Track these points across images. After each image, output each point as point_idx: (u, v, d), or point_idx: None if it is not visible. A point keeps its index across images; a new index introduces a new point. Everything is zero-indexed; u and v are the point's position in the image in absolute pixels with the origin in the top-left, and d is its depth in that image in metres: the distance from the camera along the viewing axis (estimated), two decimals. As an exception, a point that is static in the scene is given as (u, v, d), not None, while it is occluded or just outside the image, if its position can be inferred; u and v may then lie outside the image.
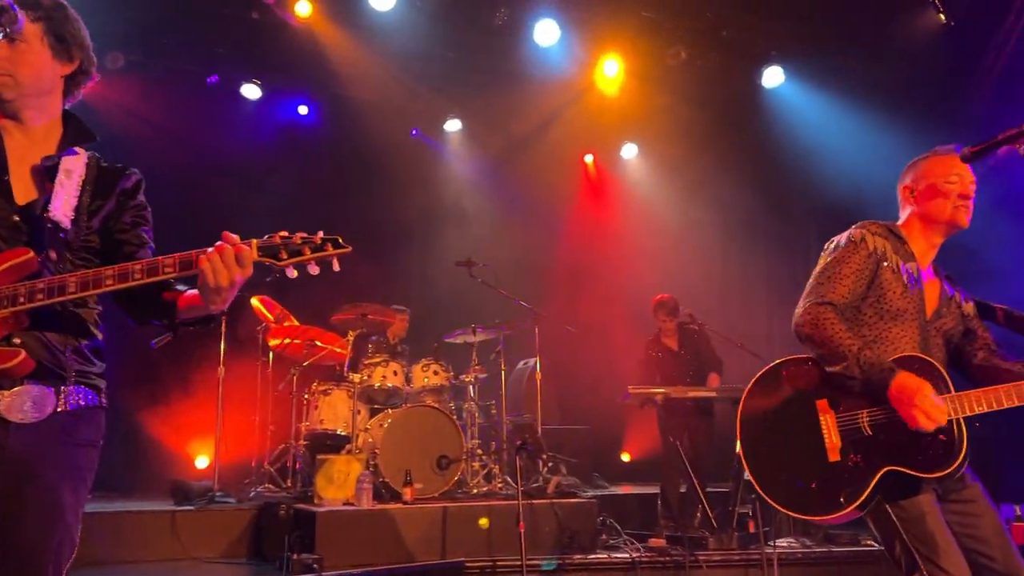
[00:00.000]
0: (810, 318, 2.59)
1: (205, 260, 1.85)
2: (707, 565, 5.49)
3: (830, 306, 2.60)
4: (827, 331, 2.54)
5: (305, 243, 1.93)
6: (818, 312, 2.58)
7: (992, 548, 2.49)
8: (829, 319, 2.56)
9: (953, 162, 2.72)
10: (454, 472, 6.02)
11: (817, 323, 2.57)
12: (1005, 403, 2.45)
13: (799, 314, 2.64)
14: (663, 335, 6.87)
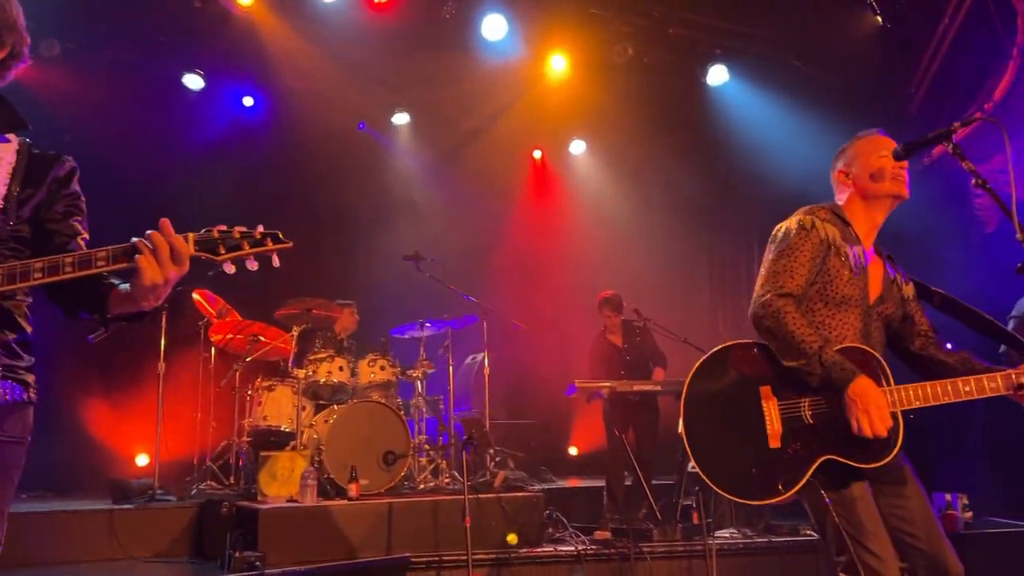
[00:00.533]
0: (772, 311, 2.59)
1: (141, 257, 1.80)
2: (651, 557, 5.56)
3: (790, 298, 2.61)
4: (789, 326, 2.55)
5: (244, 238, 1.89)
6: (779, 305, 2.59)
7: (918, 528, 2.58)
8: (790, 313, 2.57)
9: (880, 140, 2.80)
10: (400, 468, 6.00)
11: (779, 317, 2.57)
12: (942, 399, 2.52)
13: (759, 305, 2.63)
14: (608, 331, 6.94)
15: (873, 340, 2.71)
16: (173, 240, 1.82)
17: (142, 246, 1.82)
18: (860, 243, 2.76)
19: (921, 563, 2.57)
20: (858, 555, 2.48)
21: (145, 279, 1.79)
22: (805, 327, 2.55)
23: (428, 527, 5.42)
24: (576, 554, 5.47)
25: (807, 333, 2.54)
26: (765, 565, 5.76)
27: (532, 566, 5.39)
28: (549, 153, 9.80)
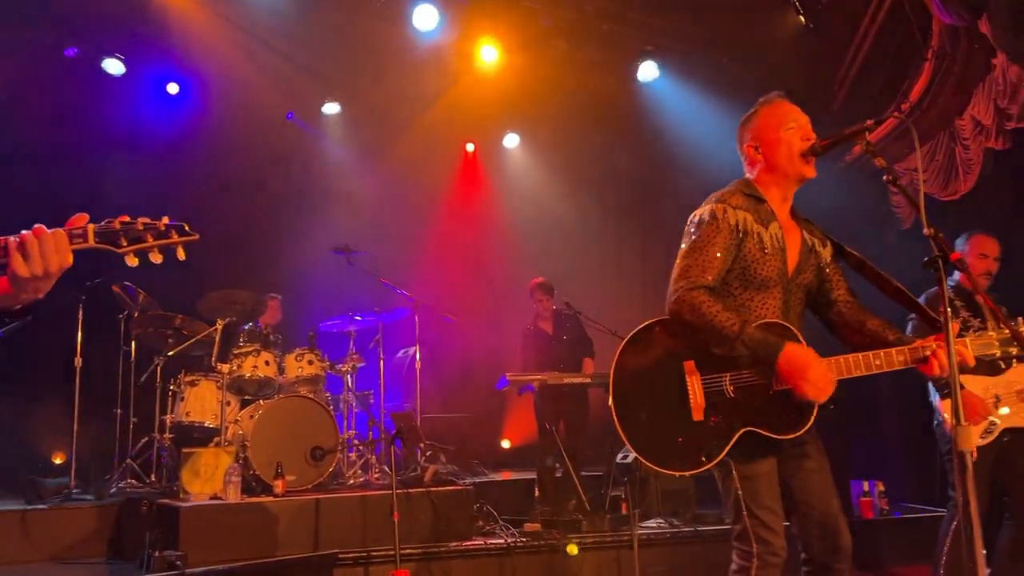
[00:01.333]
0: (687, 304, 2.62)
1: (17, 246, 1.71)
2: (580, 548, 5.60)
3: (704, 289, 2.64)
4: (706, 315, 2.59)
5: (148, 230, 1.81)
6: (693, 296, 2.62)
7: (816, 500, 2.71)
8: (705, 302, 2.60)
9: (786, 108, 2.80)
10: (329, 463, 5.92)
11: (695, 308, 2.61)
12: (854, 372, 2.58)
13: (674, 301, 2.66)
14: (539, 319, 6.97)
15: (792, 314, 2.77)
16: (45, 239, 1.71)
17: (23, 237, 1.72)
18: (776, 218, 2.77)
19: (815, 533, 2.72)
20: (751, 525, 2.63)
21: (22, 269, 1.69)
22: (722, 312, 2.59)
23: (356, 523, 5.36)
24: (506, 546, 5.48)
25: (725, 318, 2.57)
26: (691, 554, 5.85)
27: (461, 560, 5.38)
28: (482, 146, 9.76)
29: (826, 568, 2.74)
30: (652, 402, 2.72)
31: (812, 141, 2.74)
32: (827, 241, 2.90)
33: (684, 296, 2.64)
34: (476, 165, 9.69)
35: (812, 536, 2.73)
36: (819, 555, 2.74)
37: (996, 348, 2.50)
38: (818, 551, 2.74)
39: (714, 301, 2.62)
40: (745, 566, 2.65)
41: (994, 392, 4.28)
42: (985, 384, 4.26)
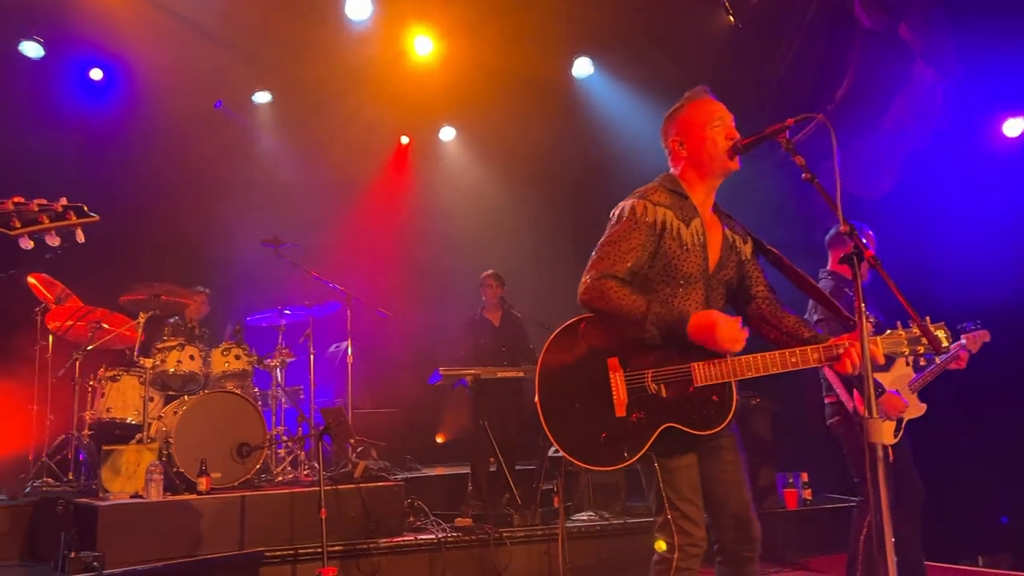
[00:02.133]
0: (596, 292, 2.68)
1: None
2: (511, 542, 5.62)
3: (613, 278, 2.68)
4: (614, 301, 2.64)
5: (43, 211, 1.74)
6: (601, 283, 2.67)
7: (731, 491, 2.79)
8: (613, 289, 2.65)
9: (711, 105, 2.84)
10: (256, 460, 5.80)
11: (603, 295, 2.66)
12: (771, 370, 2.64)
13: (583, 290, 2.72)
14: (487, 310, 6.96)
15: (714, 309, 2.80)
16: None
17: None
18: (698, 214, 2.81)
19: (729, 523, 2.79)
20: (673, 517, 2.68)
21: None
22: (629, 296, 2.64)
23: (284, 520, 5.27)
24: (436, 542, 5.46)
25: (632, 301, 2.63)
26: (621, 546, 5.93)
27: (391, 556, 5.34)
28: (418, 138, 9.65)
29: (737, 557, 2.81)
30: (577, 399, 2.75)
31: (736, 139, 2.78)
32: (748, 237, 2.96)
33: (593, 284, 2.69)
34: (411, 158, 9.58)
35: (725, 527, 2.80)
36: (731, 544, 2.81)
37: (905, 346, 2.58)
38: (730, 541, 2.80)
39: (622, 287, 2.67)
40: (667, 558, 2.69)
41: (894, 388, 4.44)
42: (901, 384, 4.41)
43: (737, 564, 2.81)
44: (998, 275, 6.90)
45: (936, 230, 6.65)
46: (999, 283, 6.73)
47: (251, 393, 6.34)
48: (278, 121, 8.90)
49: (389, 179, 9.36)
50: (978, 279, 6.75)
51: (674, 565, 2.68)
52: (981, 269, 6.79)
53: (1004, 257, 6.94)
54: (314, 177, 8.81)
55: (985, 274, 6.79)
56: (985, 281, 6.80)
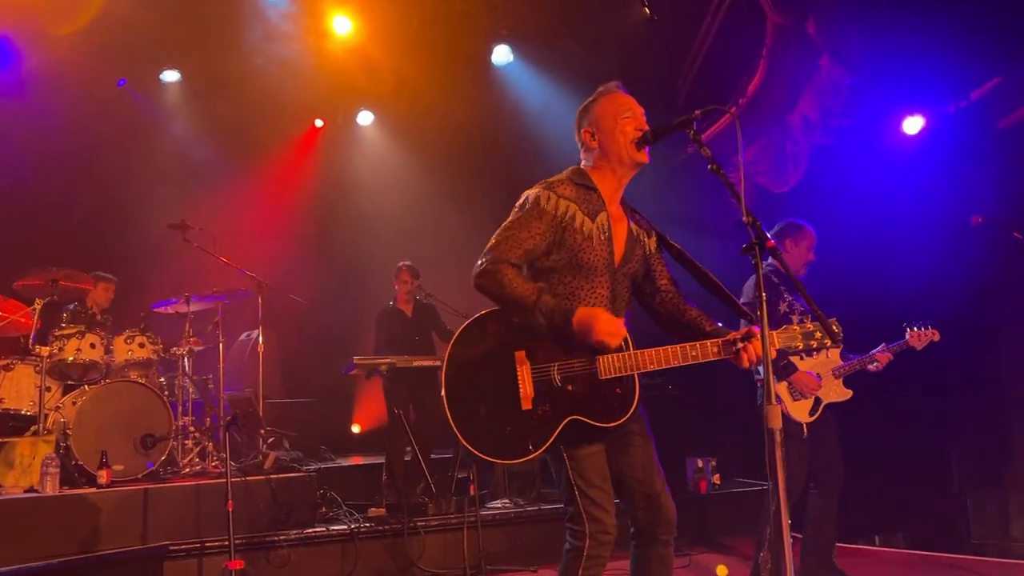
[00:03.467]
0: (488, 276, 2.68)
1: None
2: (425, 531, 5.59)
3: (507, 264, 2.69)
4: (506, 287, 2.65)
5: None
6: (495, 268, 2.68)
7: (641, 474, 2.83)
8: (505, 274, 2.67)
9: (622, 98, 2.88)
10: (161, 451, 5.63)
11: (495, 278, 2.67)
12: (672, 363, 2.68)
13: (477, 274, 2.72)
14: (400, 301, 6.88)
15: (619, 302, 2.85)
16: None
17: None
18: (605, 208, 2.84)
19: (641, 505, 2.83)
20: (583, 505, 2.71)
21: None
22: (520, 283, 2.66)
23: (189, 513, 5.13)
24: (349, 532, 5.39)
25: (523, 289, 2.65)
26: (535, 532, 5.97)
27: (302, 547, 5.26)
28: (334, 122, 9.44)
29: (652, 538, 2.85)
30: (483, 392, 2.75)
31: (645, 130, 2.81)
32: (652, 231, 3.00)
33: (487, 267, 2.70)
34: (327, 142, 9.35)
35: (638, 508, 2.84)
36: (645, 527, 2.85)
37: (799, 341, 2.66)
38: (644, 523, 2.85)
39: (516, 274, 2.69)
40: (578, 545, 2.72)
41: (816, 371, 4.63)
42: (811, 364, 4.59)
43: (652, 546, 2.85)
44: (899, 264, 7.19)
45: (841, 222, 6.89)
46: (899, 272, 7.01)
47: (156, 383, 6.14)
48: (187, 102, 8.57)
49: (304, 164, 9.12)
50: (883, 268, 7.02)
51: (585, 552, 2.70)
52: (884, 259, 7.07)
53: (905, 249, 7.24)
54: (225, 161, 8.51)
55: (887, 263, 7.07)
56: (888, 269, 7.08)
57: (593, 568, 2.72)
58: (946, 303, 7.00)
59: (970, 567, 5.36)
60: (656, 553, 2.86)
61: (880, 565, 5.49)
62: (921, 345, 4.72)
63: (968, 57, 6.51)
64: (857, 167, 6.96)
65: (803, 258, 4.83)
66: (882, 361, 4.72)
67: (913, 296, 6.56)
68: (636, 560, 2.90)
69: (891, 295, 6.66)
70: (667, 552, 2.87)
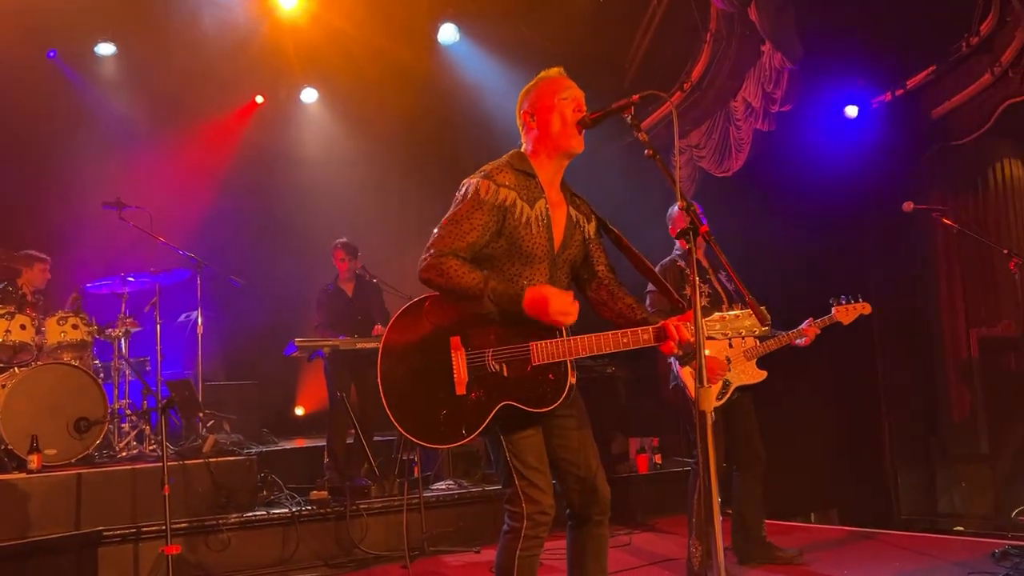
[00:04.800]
0: (435, 270, 2.68)
1: None
2: (367, 513, 5.58)
3: (453, 256, 2.69)
4: (453, 278, 2.66)
5: None
6: (440, 261, 2.68)
7: (575, 456, 2.85)
8: (452, 266, 2.67)
9: (563, 81, 2.89)
10: (96, 435, 5.50)
11: (442, 272, 2.67)
12: (605, 349, 2.71)
13: (422, 268, 2.72)
14: (341, 280, 6.80)
15: (559, 288, 2.83)
16: None
17: None
18: (543, 194, 2.84)
19: (575, 487, 2.87)
20: (520, 487, 2.73)
21: None
22: (467, 273, 2.67)
23: (125, 498, 5.05)
24: (290, 516, 5.35)
25: (470, 277, 2.66)
26: (479, 512, 6.01)
27: (242, 531, 5.20)
28: (276, 99, 9.21)
29: (587, 519, 2.89)
30: (418, 377, 2.75)
31: (584, 113, 2.82)
32: (592, 216, 3.01)
33: (433, 262, 2.70)
34: (269, 119, 9.11)
35: (572, 490, 2.87)
36: (580, 508, 2.89)
37: (729, 329, 2.69)
38: (579, 505, 2.89)
39: (461, 264, 2.69)
40: (516, 526, 2.74)
41: (725, 355, 4.67)
42: (717, 348, 4.63)
43: (587, 527, 2.89)
44: (835, 246, 7.35)
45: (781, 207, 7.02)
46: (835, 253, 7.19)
47: (91, 365, 5.98)
48: (124, 76, 8.29)
49: (246, 141, 8.90)
50: (820, 250, 7.18)
51: (523, 533, 2.73)
52: (822, 242, 7.22)
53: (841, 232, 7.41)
54: (163, 137, 8.27)
55: (825, 246, 7.22)
56: (825, 252, 7.24)
57: (531, 548, 2.74)
58: (879, 286, 7.21)
59: (899, 542, 5.54)
60: (591, 533, 2.90)
61: (814, 542, 5.64)
62: (849, 319, 4.74)
63: (905, 47, 6.67)
64: (798, 153, 7.09)
65: None
66: (809, 335, 4.71)
67: (848, 278, 6.73)
68: (572, 541, 2.94)
69: (828, 276, 6.82)
70: (601, 532, 2.92)
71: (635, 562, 5.28)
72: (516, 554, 2.72)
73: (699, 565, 4.66)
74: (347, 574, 5.20)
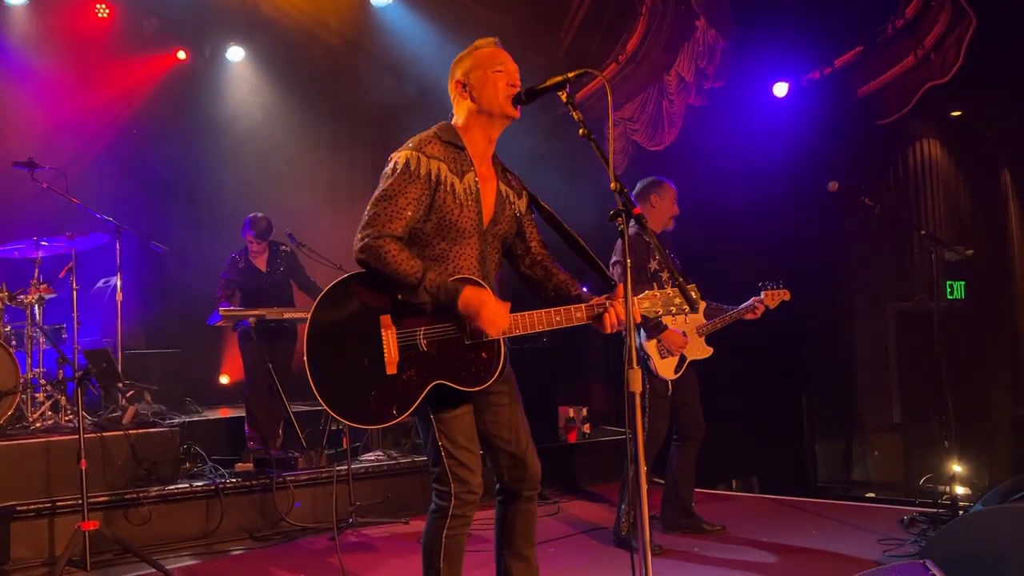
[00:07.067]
0: (372, 253, 2.62)
1: None
2: (294, 485, 5.52)
3: (390, 238, 2.64)
4: (390, 264, 2.61)
5: None
6: (378, 245, 2.62)
7: (506, 432, 2.86)
8: (390, 251, 2.62)
9: (497, 53, 2.83)
10: (7, 406, 5.28)
11: (379, 256, 2.61)
12: (538, 327, 2.71)
13: (359, 249, 2.65)
14: (252, 254, 6.60)
15: (489, 264, 2.84)
16: None
17: None
18: (473, 167, 2.80)
19: (506, 463, 2.88)
20: (449, 466, 2.73)
21: None
22: (406, 260, 2.62)
23: (39, 471, 4.87)
24: (215, 488, 5.25)
25: (408, 266, 2.62)
26: (408, 483, 6.02)
27: (163, 505, 5.09)
28: (201, 56, 8.83)
29: (517, 495, 2.91)
30: (347, 356, 2.69)
31: (518, 87, 2.77)
32: (523, 191, 2.98)
33: (370, 243, 2.64)
34: (191, 77, 8.73)
35: (503, 466, 2.89)
36: (510, 483, 2.91)
37: (660, 306, 2.72)
38: (509, 480, 2.90)
39: (400, 250, 2.64)
40: (443, 506, 2.74)
41: (682, 330, 4.81)
42: (676, 323, 4.76)
43: (516, 502, 2.91)
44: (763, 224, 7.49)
45: (712, 183, 7.11)
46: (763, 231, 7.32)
47: (2, 332, 5.71)
48: (31, 27, 7.82)
49: (167, 100, 8.52)
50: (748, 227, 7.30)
51: (450, 512, 2.72)
52: (750, 219, 7.34)
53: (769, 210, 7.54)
54: (74, 93, 7.85)
55: (753, 223, 7.35)
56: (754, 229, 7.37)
57: (458, 527, 2.75)
58: (803, 262, 7.39)
59: (814, 509, 5.76)
60: (521, 508, 2.92)
61: (734, 509, 5.82)
62: (774, 304, 5.01)
63: (833, 25, 6.79)
64: (728, 129, 7.18)
65: (668, 212, 4.99)
66: (759, 309, 4.98)
67: (773, 254, 6.88)
68: (501, 515, 2.96)
69: (754, 253, 6.96)
70: (531, 508, 2.95)
71: (564, 531, 5.37)
72: (444, 533, 2.73)
73: (626, 531, 4.78)
74: (273, 547, 5.14)
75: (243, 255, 6.60)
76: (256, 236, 6.46)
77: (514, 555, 2.92)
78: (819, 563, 4.47)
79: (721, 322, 4.98)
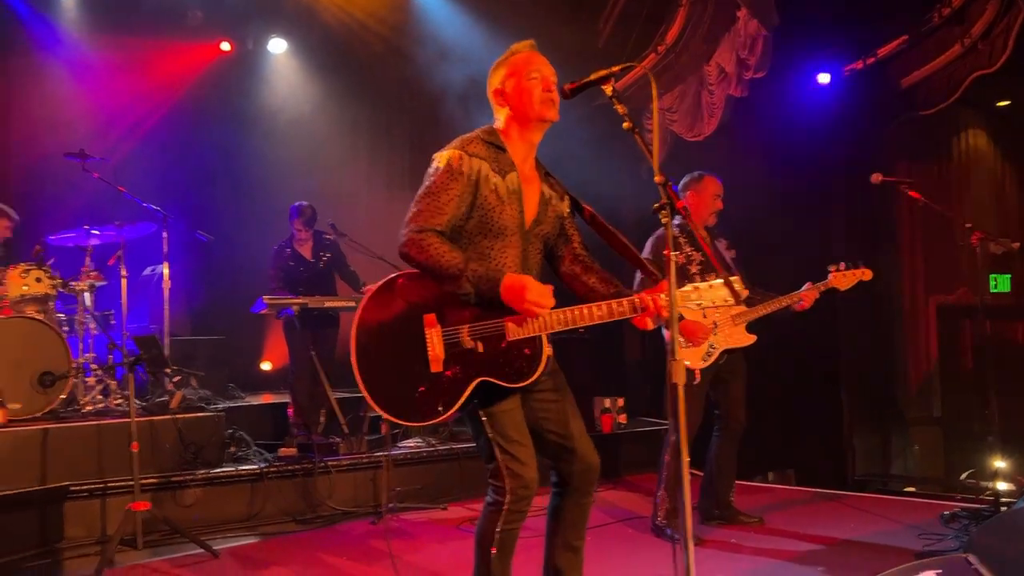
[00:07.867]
0: (415, 246, 2.68)
1: None
2: (336, 470, 5.63)
3: (432, 232, 2.69)
4: (433, 256, 2.65)
5: None
6: (421, 238, 2.68)
7: (561, 428, 2.89)
8: (432, 243, 2.67)
9: (532, 58, 2.87)
10: (61, 389, 5.44)
11: (422, 248, 2.67)
12: (579, 323, 2.74)
13: (403, 244, 2.71)
14: (297, 242, 6.72)
15: (531, 263, 2.88)
16: None
17: None
18: (515, 168, 2.85)
19: (565, 457, 2.89)
20: (502, 461, 2.74)
21: None
22: (448, 252, 2.67)
23: (92, 453, 5.02)
24: (259, 472, 5.38)
25: (451, 256, 2.66)
26: (447, 470, 6.09)
27: (209, 488, 5.22)
28: (244, 48, 8.96)
29: (575, 488, 2.91)
30: (393, 355, 2.74)
31: (553, 93, 2.82)
32: (565, 195, 3.02)
33: (413, 237, 2.69)
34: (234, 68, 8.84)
35: (559, 460, 2.90)
36: (568, 476, 2.91)
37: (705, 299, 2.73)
38: (565, 474, 2.91)
39: (441, 242, 2.68)
40: (499, 500, 2.75)
41: (712, 319, 4.74)
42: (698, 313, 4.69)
43: (573, 496, 2.91)
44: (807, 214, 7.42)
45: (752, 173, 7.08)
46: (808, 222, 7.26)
47: (54, 318, 5.89)
48: (81, 18, 7.99)
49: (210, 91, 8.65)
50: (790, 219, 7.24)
51: (505, 507, 2.73)
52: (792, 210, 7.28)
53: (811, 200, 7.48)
54: (123, 84, 8.00)
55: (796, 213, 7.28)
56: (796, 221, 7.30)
57: (512, 523, 2.76)
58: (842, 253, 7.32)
59: (852, 502, 5.73)
60: (577, 502, 2.92)
61: (771, 501, 5.81)
62: (847, 285, 4.77)
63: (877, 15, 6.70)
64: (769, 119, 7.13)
65: (709, 207, 4.89)
66: (808, 300, 4.78)
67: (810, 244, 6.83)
68: (555, 507, 2.96)
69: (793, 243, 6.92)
70: (586, 502, 2.94)
71: (602, 519, 5.41)
72: (498, 527, 2.74)
73: (663, 519, 4.80)
74: (315, 530, 5.25)
75: (288, 243, 6.71)
76: (303, 224, 6.59)
77: (564, 545, 2.93)
78: (859, 554, 4.46)
79: (763, 309, 4.80)
